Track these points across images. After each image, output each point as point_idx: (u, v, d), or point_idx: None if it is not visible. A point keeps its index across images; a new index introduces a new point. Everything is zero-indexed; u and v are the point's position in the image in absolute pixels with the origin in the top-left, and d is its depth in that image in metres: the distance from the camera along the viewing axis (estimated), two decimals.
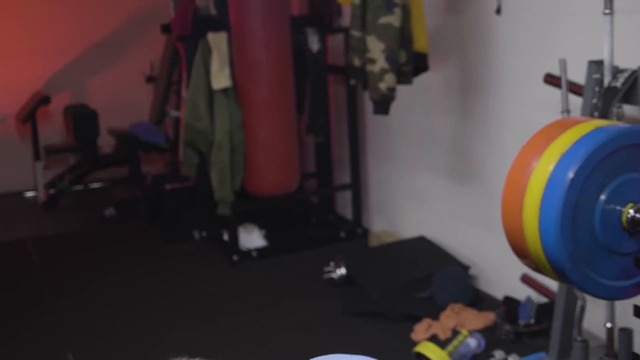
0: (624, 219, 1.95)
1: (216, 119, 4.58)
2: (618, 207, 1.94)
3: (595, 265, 1.96)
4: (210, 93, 4.59)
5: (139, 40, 6.84)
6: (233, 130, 4.58)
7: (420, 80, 3.96)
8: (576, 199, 1.89)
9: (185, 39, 4.94)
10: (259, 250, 4.78)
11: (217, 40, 4.56)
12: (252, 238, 4.86)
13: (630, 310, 2.01)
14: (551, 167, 1.93)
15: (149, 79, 6.43)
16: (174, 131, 5.68)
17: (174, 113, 5.69)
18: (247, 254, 4.75)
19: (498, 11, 3.46)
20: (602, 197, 1.93)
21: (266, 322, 3.86)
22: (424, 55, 3.80)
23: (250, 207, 5.06)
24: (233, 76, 4.56)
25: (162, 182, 5.47)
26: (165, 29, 5.41)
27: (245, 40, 4.52)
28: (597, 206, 1.93)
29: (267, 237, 4.95)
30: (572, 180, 1.88)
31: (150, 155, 6.47)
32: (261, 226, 5.01)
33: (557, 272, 1.97)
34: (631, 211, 1.94)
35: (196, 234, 5.13)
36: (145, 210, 5.69)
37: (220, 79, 4.53)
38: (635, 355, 2.09)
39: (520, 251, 2.10)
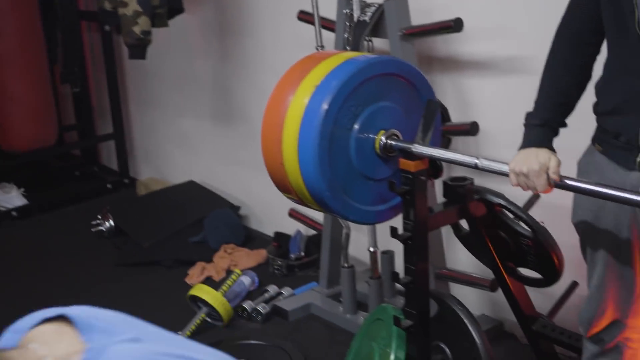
0: (377, 146, 2.04)
1: None
2: (371, 135, 2.03)
3: (353, 192, 2.04)
4: None
5: None
6: None
7: (177, 22, 3.88)
8: (331, 130, 1.94)
9: None
10: (19, 210, 4.51)
11: None
12: (10, 197, 4.57)
13: (390, 234, 2.12)
14: (306, 100, 1.97)
15: None
16: None
17: None
18: (6, 214, 4.47)
19: None
20: (356, 126, 2.00)
21: (35, 285, 3.66)
22: None
23: (5, 165, 4.74)
24: None
25: None
26: None
27: None
28: (351, 135, 2.00)
29: (28, 195, 4.67)
30: (327, 111, 1.93)
31: None
32: (20, 184, 4.72)
33: (319, 202, 2.04)
34: (383, 138, 2.04)
35: None
36: None
37: None
38: (395, 273, 2.22)
39: (283, 186, 2.14)
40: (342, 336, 3.01)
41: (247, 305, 3.25)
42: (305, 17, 3.14)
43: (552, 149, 1.84)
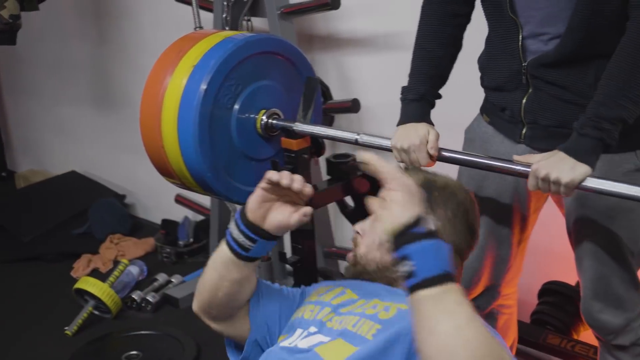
0: (258, 125, 2.01)
1: None
2: (252, 115, 2.00)
3: (236, 173, 2.00)
4: None
5: None
6: None
7: (48, 5, 3.71)
8: (211, 110, 1.90)
9: None
10: None
11: None
12: None
13: None
14: (184, 81, 1.92)
15: None
16: None
17: None
18: None
19: None
20: (236, 106, 1.96)
21: None
22: None
23: None
24: None
25: None
26: None
27: None
28: (232, 115, 1.96)
29: None
30: (206, 91, 1.88)
31: None
32: None
33: (201, 185, 1.99)
34: (264, 117, 2.01)
35: None
36: None
37: None
38: (282, 253, 2.20)
39: (165, 170, 2.08)
40: None
41: (136, 295, 3.17)
42: None
43: (430, 123, 1.86)
